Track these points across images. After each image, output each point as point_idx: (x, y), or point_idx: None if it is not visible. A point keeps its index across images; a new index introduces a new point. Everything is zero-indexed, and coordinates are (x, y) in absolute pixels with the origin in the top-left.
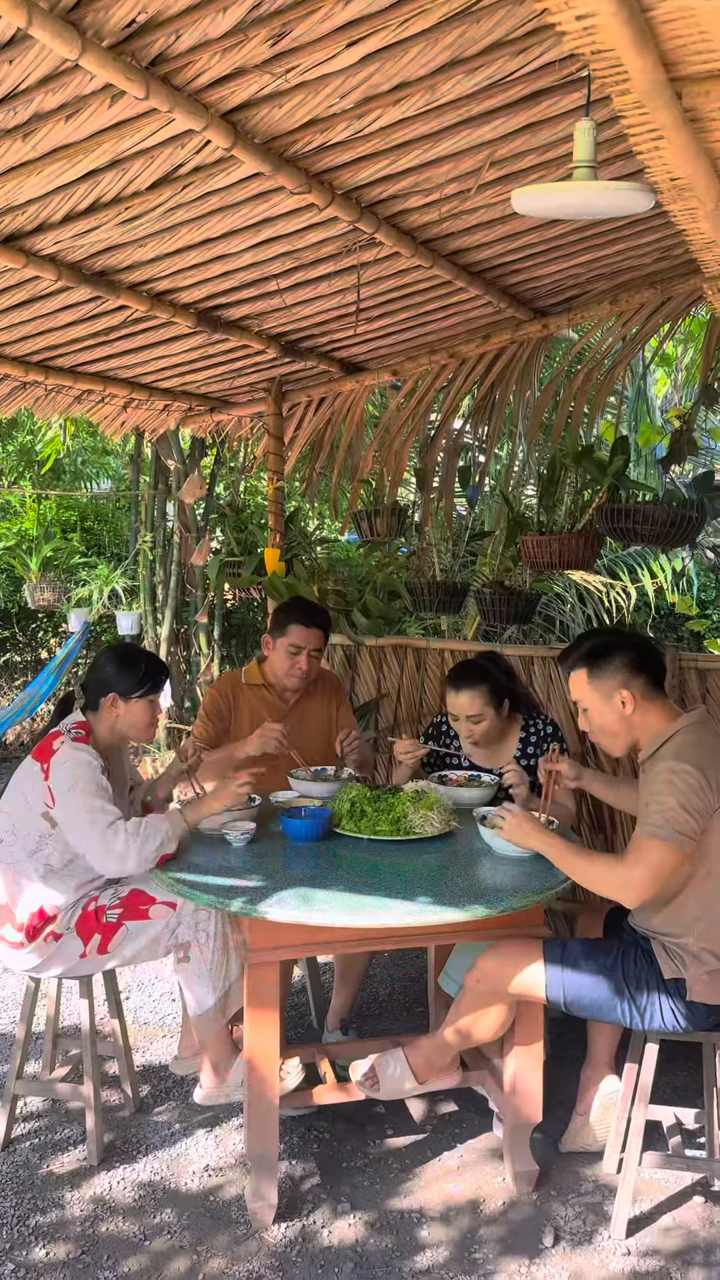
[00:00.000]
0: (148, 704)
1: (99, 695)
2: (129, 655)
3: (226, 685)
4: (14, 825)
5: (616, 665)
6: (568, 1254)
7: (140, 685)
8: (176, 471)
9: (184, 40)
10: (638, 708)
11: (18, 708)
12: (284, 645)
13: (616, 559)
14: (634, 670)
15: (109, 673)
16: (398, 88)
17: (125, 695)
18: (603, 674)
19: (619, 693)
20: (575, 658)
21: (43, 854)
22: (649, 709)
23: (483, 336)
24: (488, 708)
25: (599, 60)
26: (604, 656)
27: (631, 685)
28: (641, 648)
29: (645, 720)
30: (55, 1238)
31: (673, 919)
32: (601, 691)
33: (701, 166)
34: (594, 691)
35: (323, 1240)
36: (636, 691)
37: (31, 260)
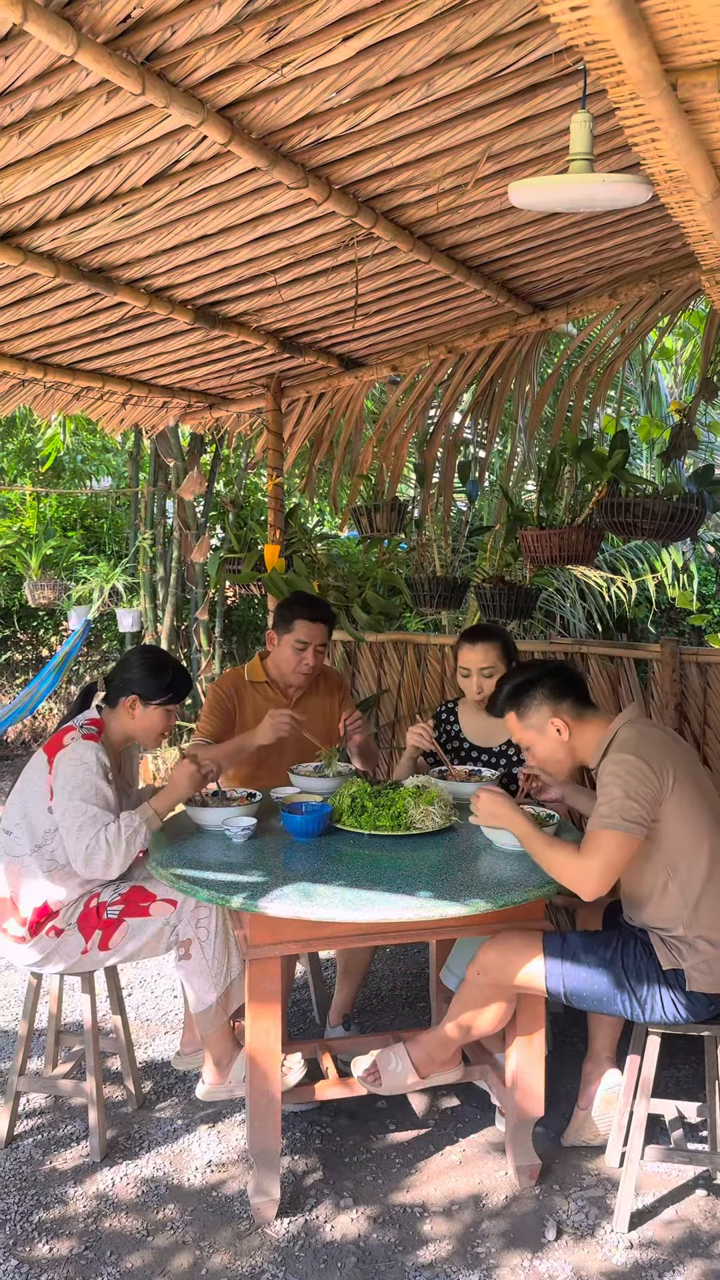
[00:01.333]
0: (165, 713)
1: (120, 694)
2: (159, 661)
3: (229, 682)
4: (22, 818)
5: (540, 699)
6: (570, 1247)
7: (164, 693)
8: (176, 468)
9: (179, 35)
10: (573, 731)
11: (18, 705)
12: (289, 641)
13: (617, 554)
14: (558, 698)
15: (136, 674)
16: (394, 82)
17: (146, 699)
18: (530, 711)
19: (550, 723)
20: (501, 704)
21: (48, 849)
22: (584, 727)
23: (481, 331)
24: (500, 661)
25: (593, 52)
26: (526, 694)
27: (560, 712)
28: (556, 674)
29: (584, 740)
30: (58, 1234)
31: (659, 912)
32: (535, 727)
33: (698, 158)
34: (529, 729)
35: (325, 1235)
36: (567, 716)
37: (29, 257)
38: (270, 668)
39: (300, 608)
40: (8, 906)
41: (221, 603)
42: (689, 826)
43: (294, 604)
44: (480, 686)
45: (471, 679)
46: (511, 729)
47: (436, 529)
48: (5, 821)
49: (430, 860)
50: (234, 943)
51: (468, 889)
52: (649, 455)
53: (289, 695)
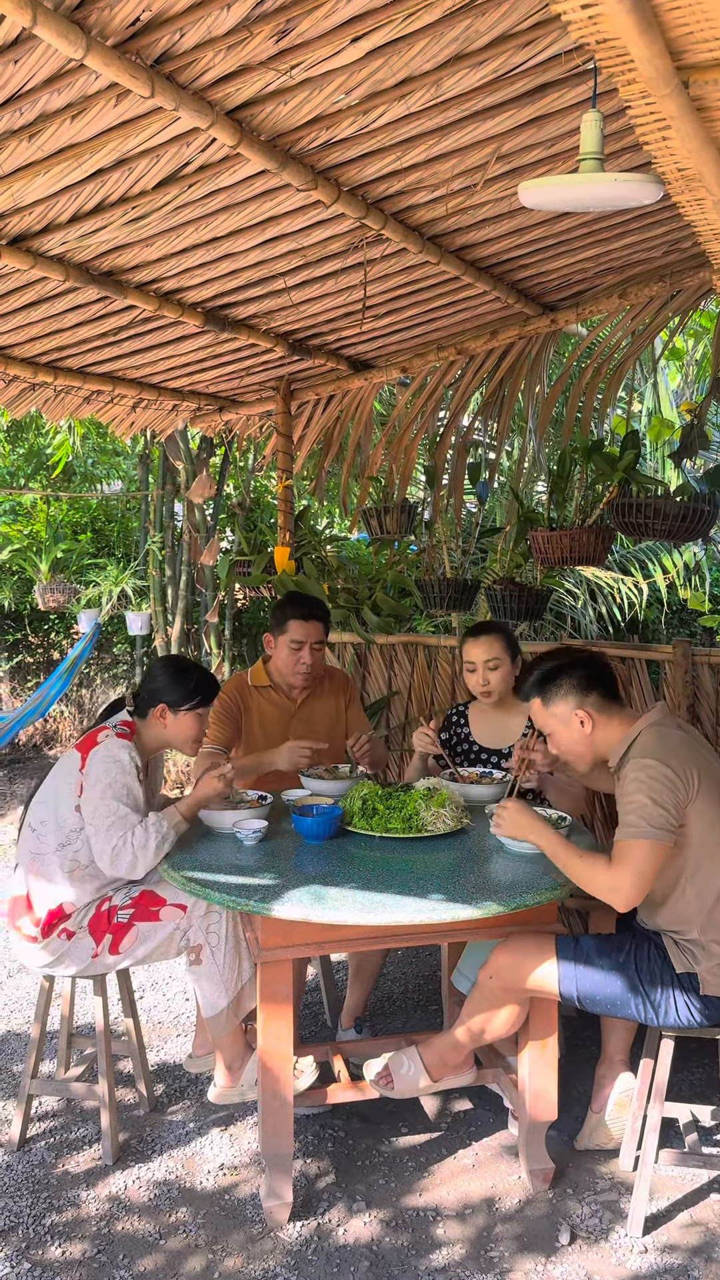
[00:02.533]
0: (195, 717)
1: (149, 705)
2: (181, 668)
3: (234, 688)
4: (52, 815)
5: (567, 688)
6: (584, 1252)
7: (190, 698)
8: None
9: (188, 38)
10: (596, 724)
11: (30, 708)
12: (285, 642)
13: (628, 554)
14: (585, 689)
15: (160, 684)
16: (403, 82)
17: (174, 707)
18: (555, 699)
19: (575, 714)
20: (527, 688)
21: (71, 848)
22: (607, 722)
23: (491, 332)
24: (504, 654)
25: (604, 50)
26: (553, 681)
27: (585, 704)
28: (588, 665)
29: (606, 734)
30: (71, 1237)
31: (675, 915)
32: (559, 716)
33: (709, 156)
34: (552, 718)
35: (338, 1239)
36: (591, 709)
37: (39, 261)
38: (273, 670)
39: (292, 607)
40: (23, 905)
41: (231, 605)
42: (711, 830)
43: (286, 605)
44: (486, 679)
45: (477, 673)
46: (535, 714)
47: (446, 530)
48: (32, 818)
49: (442, 863)
50: (245, 947)
51: (479, 891)
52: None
53: (294, 698)
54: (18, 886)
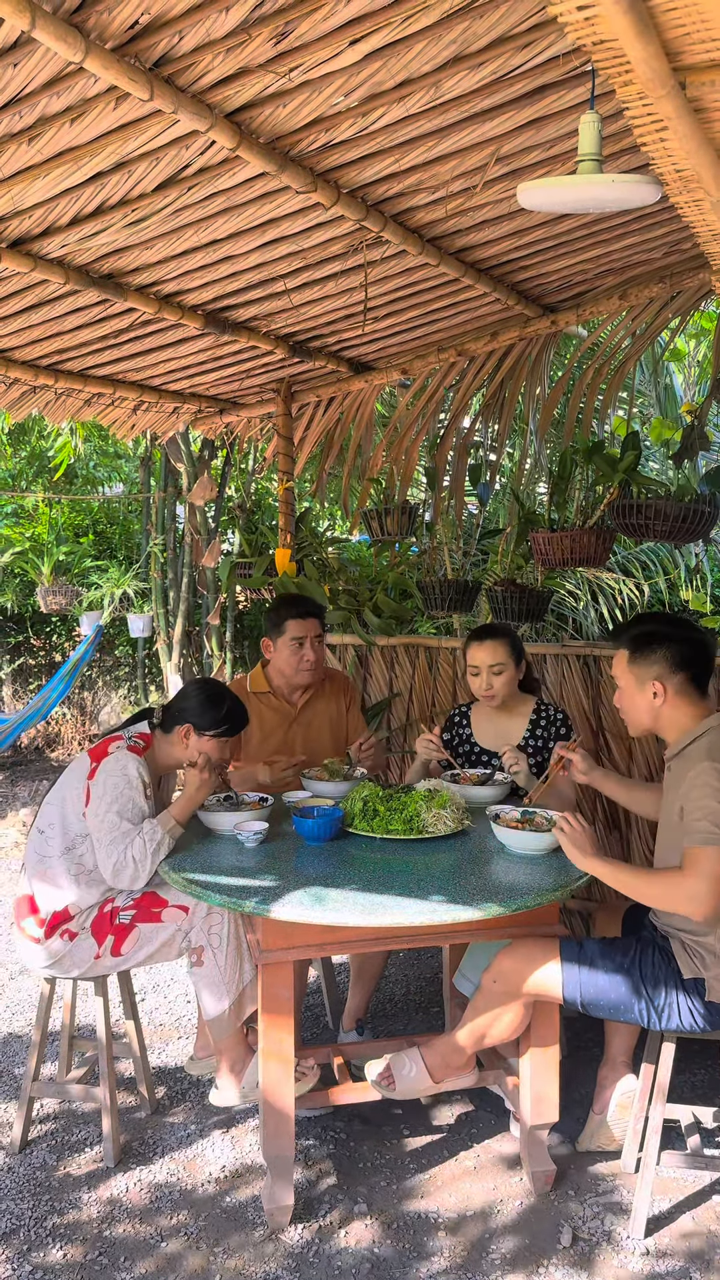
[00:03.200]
0: (218, 744)
1: (176, 722)
2: (215, 693)
3: None
4: (59, 819)
5: (659, 656)
6: (586, 1254)
7: (218, 725)
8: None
9: (187, 41)
10: (668, 701)
11: (31, 711)
12: (285, 642)
13: (629, 555)
14: (675, 665)
15: (191, 705)
16: (402, 84)
17: (200, 729)
18: (643, 661)
19: (653, 683)
20: (624, 638)
21: (77, 852)
22: (680, 705)
23: (491, 334)
24: (509, 659)
25: (601, 51)
26: (649, 644)
27: (668, 679)
28: (690, 644)
29: (674, 715)
30: (72, 1239)
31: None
32: (637, 676)
33: (707, 157)
34: (630, 674)
35: (339, 1242)
36: (671, 686)
37: (39, 264)
38: (273, 675)
39: (287, 608)
40: (26, 906)
41: (233, 607)
42: None
43: (280, 607)
44: (489, 684)
45: (481, 677)
46: (616, 664)
47: (447, 532)
48: (40, 820)
49: (443, 864)
50: (246, 949)
51: (480, 893)
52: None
53: (294, 702)
54: (23, 887)
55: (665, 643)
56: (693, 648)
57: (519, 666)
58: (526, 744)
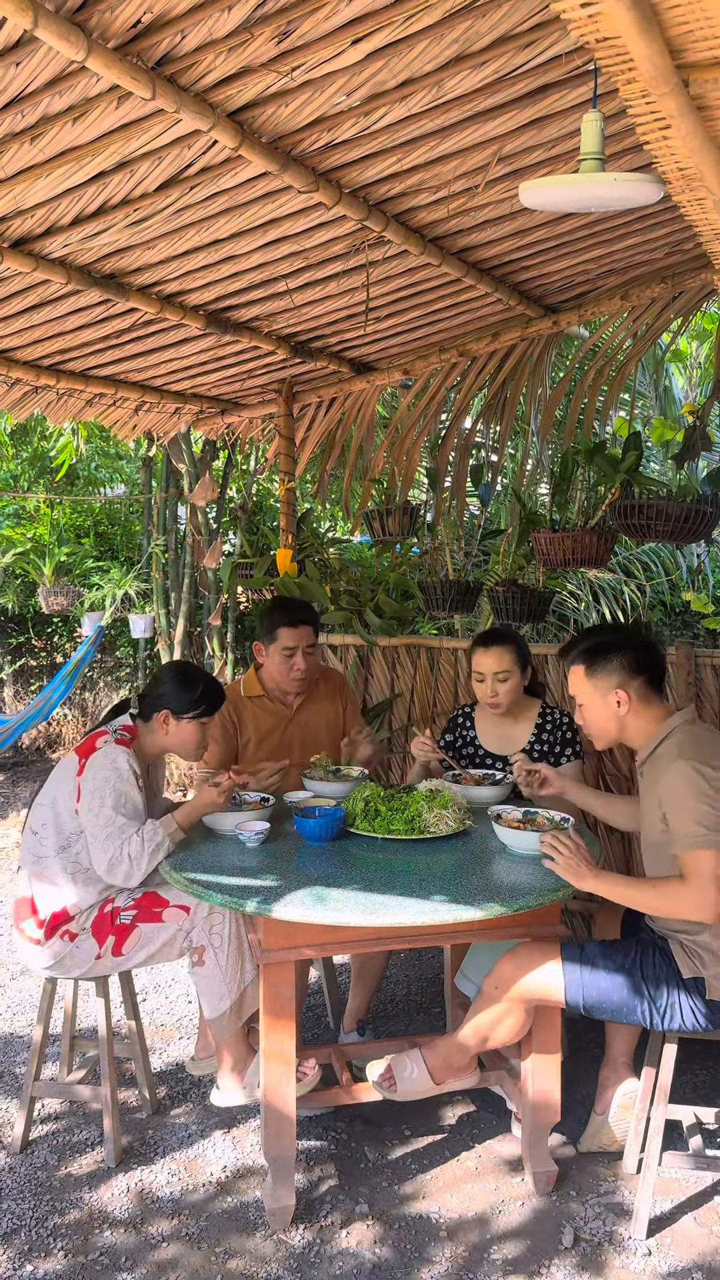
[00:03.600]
0: (198, 725)
1: (153, 709)
2: (189, 675)
3: (226, 701)
4: (52, 818)
5: (615, 665)
6: (588, 1255)
7: (194, 706)
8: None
9: (189, 40)
10: (632, 709)
11: (33, 711)
12: (276, 650)
13: (631, 556)
14: (632, 671)
15: (166, 689)
16: (404, 84)
17: (178, 714)
18: (600, 672)
19: (615, 692)
20: (575, 653)
21: (72, 850)
22: (643, 711)
23: (493, 334)
24: (515, 666)
25: (604, 49)
26: (603, 655)
27: (629, 686)
28: (642, 649)
29: (638, 722)
30: (73, 1239)
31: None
32: (598, 689)
33: (710, 155)
34: (590, 689)
35: (340, 1242)
36: (633, 692)
37: (41, 264)
38: (266, 679)
39: (280, 615)
40: (26, 907)
41: (234, 608)
42: None
43: (273, 612)
44: (495, 690)
45: (486, 684)
46: (573, 681)
47: (449, 533)
48: (33, 821)
49: (444, 864)
50: (247, 949)
51: (482, 893)
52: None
53: (289, 704)
54: (21, 889)
55: (619, 651)
56: (645, 652)
57: (524, 673)
58: (532, 748)
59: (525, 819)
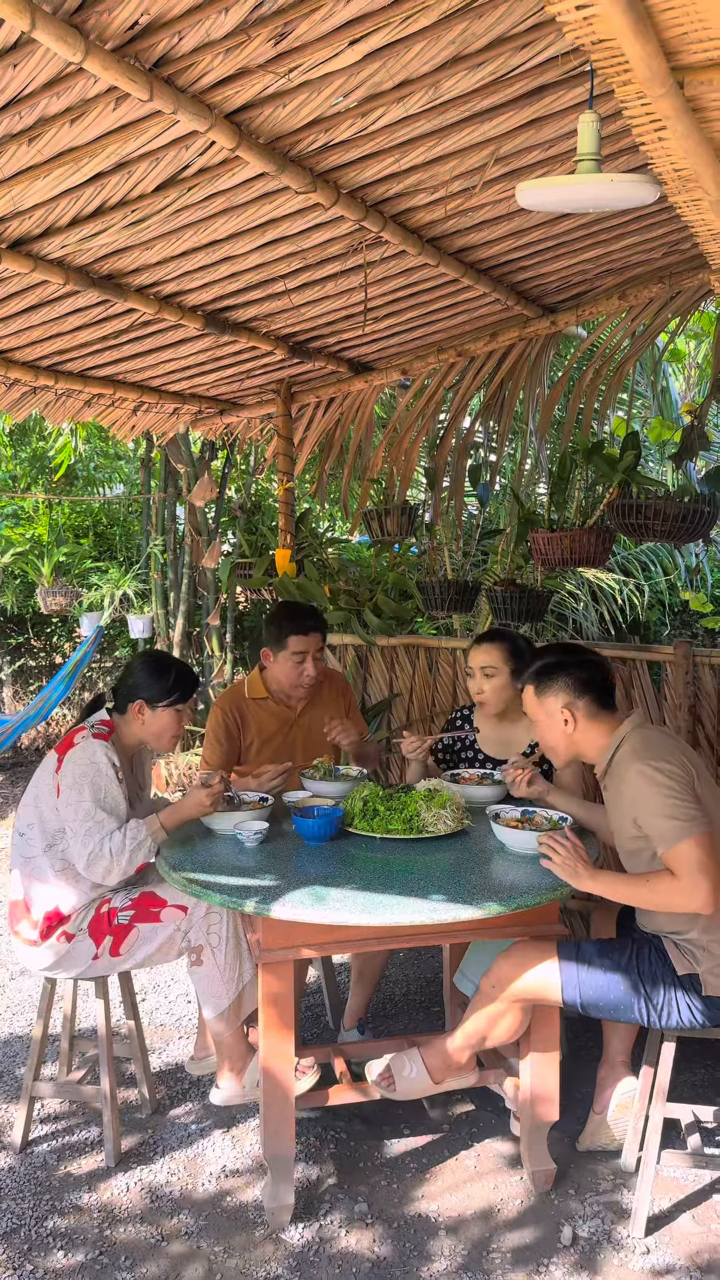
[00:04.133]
0: (174, 714)
1: (127, 700)
2: (160, 663)
3: (229, 703)
4: (36, 817)
5: (561, 685)
6: (587, 1253)
7: (168, 694)
8: (187, 475)
9: (187, 41)
10: (579, 726)
11: (32, 711)
12: (285, 657)
13: (629, 556)
14: (578, 691)
15: (138, 679)
16: (401, 85)
17: (152, 703)
18: (547, 692)
19: (562, 711)
20: (526, 674)
21: (58, 848)
22: (591, 727)
23: (491, 334)
24: (503, 664)
25: (599, 50)
26: (550, 676)
27: (575, 706)
28: (588, 668)
29: (587, 737)
30: (73, 1240)
31: (673, 916)
32: (546, 709)
33: (705, 157)
34: (539, 708)
35: (340, 1242)
36: (579, 712)
37: (39, 264)
38: (270, 682)
39: (289, 623)
40: (20, 909)
41: (233, 608)
42: None
43: (281, 620)
44: (481, 687)
45: (475, 678)
46: (526, 701)
47: (447, 532)
48: (20, 822)
49: (442, 864)
50: (246, 948)
51: (481, 892)
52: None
53: (293, 706)
54: (15, 891)
55: (563, 671)
56: (589, 669)
57: (515, 675)
58: (531, 753)
59: (524, 818)
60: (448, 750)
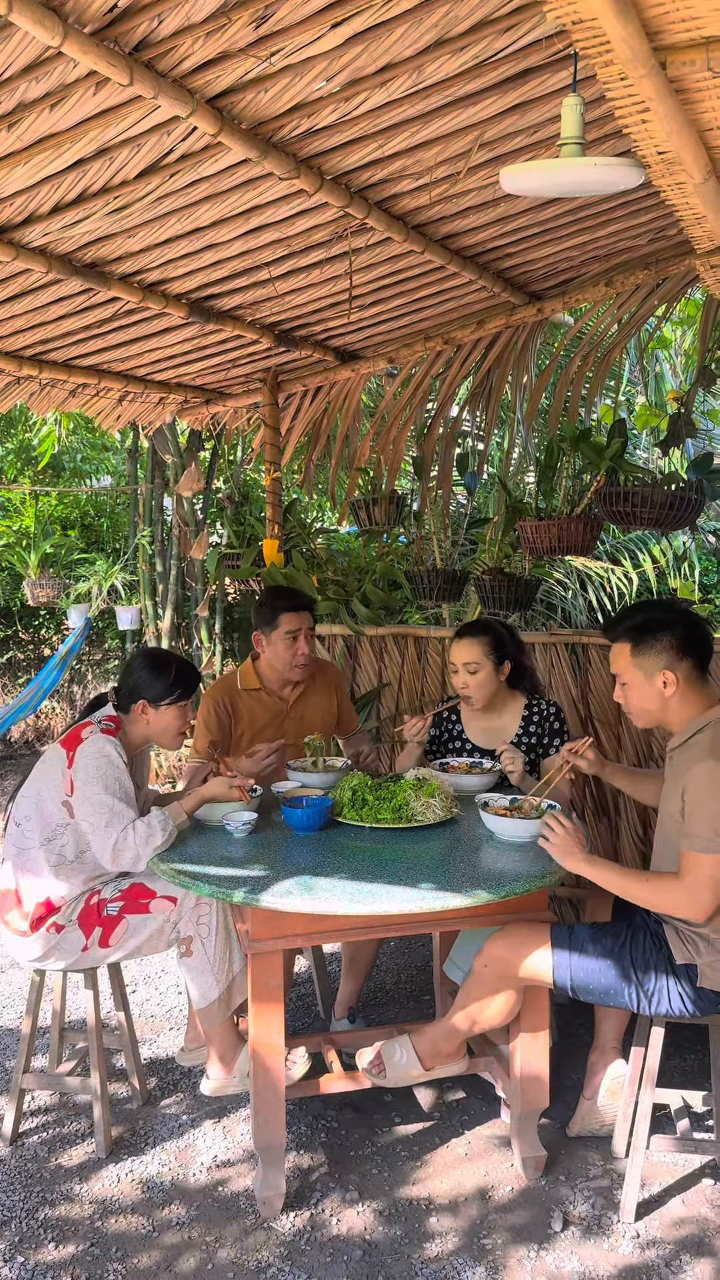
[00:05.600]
0: (178, 710)
1: (130, 701)
2: (160, 661)
3: (222, 693)
4: (35, 810)
5: (664, 645)
6: (577, 1238)
7: (170, 692)
8: (174, 465)
9: (167, 24)
10: (678, 691)
11: (20, 704)
12: (279, 636)
13: (617, 544)
14: (681, 652)
15: (140, 679)
16: (384, 69)
17: (155, 702)
18: (648, 652)
19: (662, 673)
20: (622, 629)
21: (57, 843)
22: (689, 693)
23: (477, 321)
24: (486, 659)
25: (581, 30)
26: (652, 633)
27: (676, 667)
28: (692, 627)
29: (683, 705)
30: (65, 1232)
31: None
32: (644, 669)
33: (689, 139)
34: (636, 669)
35: (332, 1229)
36: (680, 674)
37: (20, 253)
38: (264, 671)
39: (280, 600)
40: (11, 899)
41: (222, 599)
42: None
43: (272, 599)
44: (465, 682)
45: (459, 674)
46: (617, 658)
47: (435, 522)
48: (16, 814)
49: (432, 852)
50: (235, 938)
51: (470, 880)
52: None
53: (285, 697)
54: (6, 881)
55: (668, 629)
56: (694, 630)
57: (499, 667)
58: (520, 741)
59: (512, 806)
60: (435, 741)
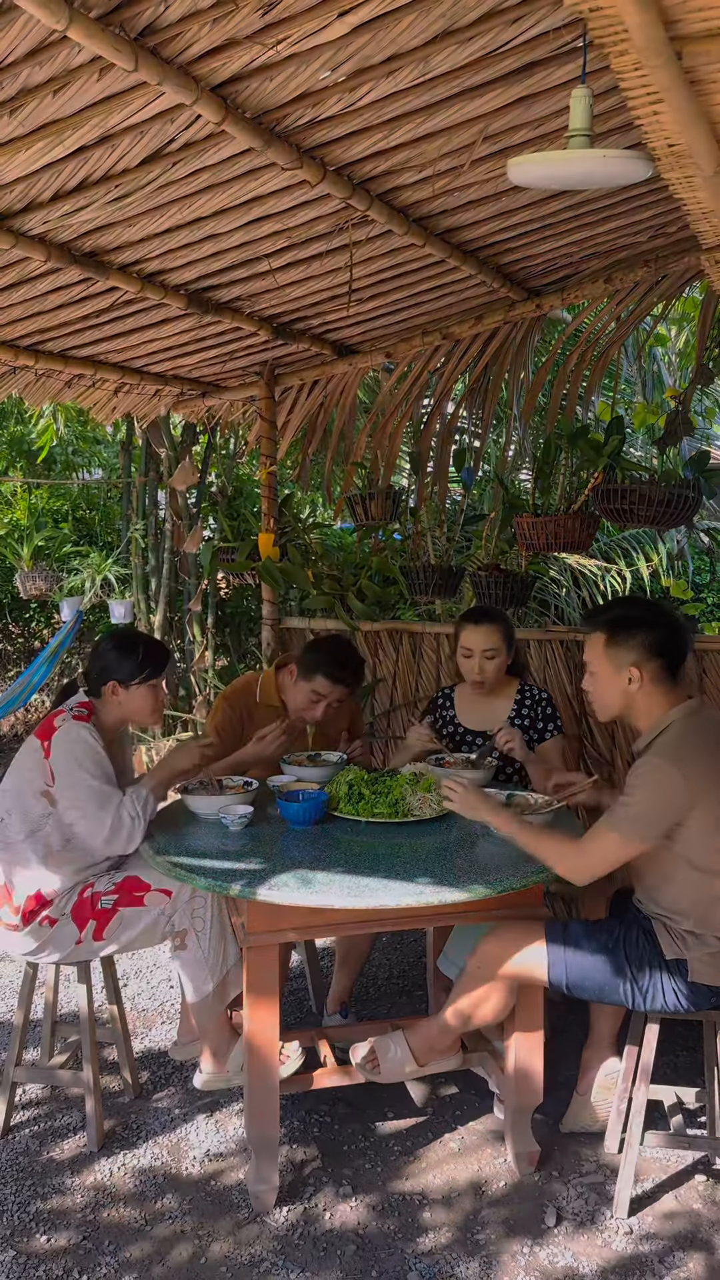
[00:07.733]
0: (149, 689)
1: (100, 683)
2: (127, 641)
3: (240, 700)
4: (16, 804)
5: (638, 641)
6: (570, 1234)
7: (139, 671)
8: (168, 459)
9: (173, 10)
10: (643, 688)
11: (10, 697)
12: (306, 686)
13: (612, 543)
14: (653, 651)
15: (108, 660)
16: (390, 59)
17: (125, 682)
18: (621, 645)
19: (629, 668)
20: (600, 620)
21: (42, 834)
22: (654, 693)
23: (476, 317)
24: (502, 644)
25: (596, 18)
26: (628, 628)
27: (645, 665)
28: (670, 630)
29: (647, 704)
30: (56, 1225)
31: (671, 903)
32: (614, 662)
33: (701, 131)
34: (606, 660)
35: (324, 1223)
36: (648, 673)
37: (20, 241)
38: (284, 694)
39: (328, 665)
40: (2, 894)
41: (215, 594)
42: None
43: (323, 657)
44: (481, 668)
45: (473, 660)
46: (590, 647)
47: (431, 517)
48: None
49: (428, 847)
50: (230, 932)
51: (465, 875)
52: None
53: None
54: None
55: (644, 627)
56: (670, 634)
57: (510, 652)
58: (512, 724)
59: (507, 802)
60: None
